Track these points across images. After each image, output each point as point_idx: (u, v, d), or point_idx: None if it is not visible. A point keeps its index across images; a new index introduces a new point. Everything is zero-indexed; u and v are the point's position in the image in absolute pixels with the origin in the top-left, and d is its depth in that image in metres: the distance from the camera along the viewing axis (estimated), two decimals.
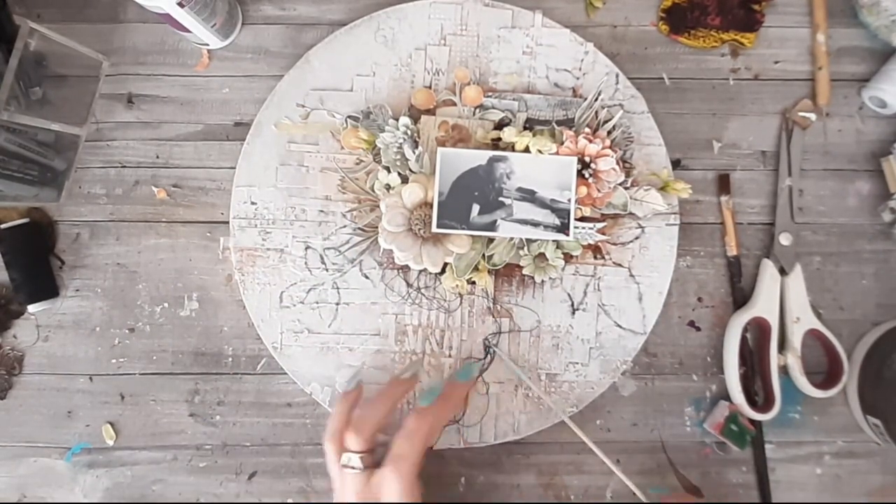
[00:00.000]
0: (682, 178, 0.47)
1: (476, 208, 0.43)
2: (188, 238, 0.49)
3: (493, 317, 0.47)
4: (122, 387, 0.48)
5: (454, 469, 0.48)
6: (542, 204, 0.43)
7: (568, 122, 0.46)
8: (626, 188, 0.45)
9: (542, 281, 0.46)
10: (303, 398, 0.48)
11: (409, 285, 0.47)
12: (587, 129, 0.45)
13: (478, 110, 0.47)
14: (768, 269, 0.47)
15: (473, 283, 0.46)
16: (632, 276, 0.47)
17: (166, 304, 0.48)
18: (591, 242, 0.46)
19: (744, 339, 0.47)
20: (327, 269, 0.47)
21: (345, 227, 0.47)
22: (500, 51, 0.48)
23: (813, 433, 0.48)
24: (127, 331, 0.48)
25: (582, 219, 0.45)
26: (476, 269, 0.45)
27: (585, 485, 0.48)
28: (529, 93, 0.47)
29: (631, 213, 0.46)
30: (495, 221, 0.43)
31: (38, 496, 0.48)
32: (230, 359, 0.48)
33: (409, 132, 0.44)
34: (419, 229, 0.43)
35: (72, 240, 0.49)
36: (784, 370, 0.47)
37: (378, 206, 0.45)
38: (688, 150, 0.49)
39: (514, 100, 0.47)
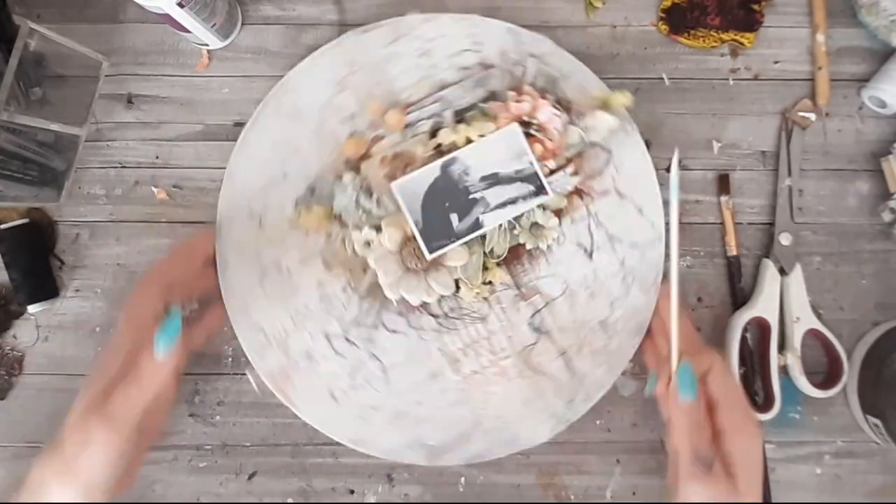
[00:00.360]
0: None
1: (454, 217, 0.43)
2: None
3: (524, 300, 0.46)
4: None
5: (454, 469, 0.48)
6: (510, 180, 0.43)
7: (493, 96, 0.46)
8: (574, 124, 0.45)
9: (548, 246, 0.46)
10: None
11: (435, 317, 0.46)
12: (512, 93, 0.45)
13: (407, 130, 0.46)
14: (768, 269, 0.47)
15: (490, 282, 0.46)
16: (620, 194, 0.46)
17: None
18: (571, 189, 0.45)
19: (744, 339, 0.47)
20: (357, 346, 0.46)
21: (350, 299, 0.46)
22: (397, 66, 0.47)
23: (813, 433, 0.48)
24: None
25: (552, 172, 0.45)
26: (485, 268, 0.45)
27: (585, 485, 0.48)
28: (444, 89, 0.47)
29: (591, 143, 0.45)
30: (477, 219, 0.43)
31: None
32: (230, 359, 0.48)
33: (357, 185, 0.44)
34: (415, 264, 0.43)
35: (72, 240, 0.49)
36: (784, 370, 0.47)
37: (369, 266, 0.44)
38: (688, 150, 0.49)
39: (433, 102, 0.46)
